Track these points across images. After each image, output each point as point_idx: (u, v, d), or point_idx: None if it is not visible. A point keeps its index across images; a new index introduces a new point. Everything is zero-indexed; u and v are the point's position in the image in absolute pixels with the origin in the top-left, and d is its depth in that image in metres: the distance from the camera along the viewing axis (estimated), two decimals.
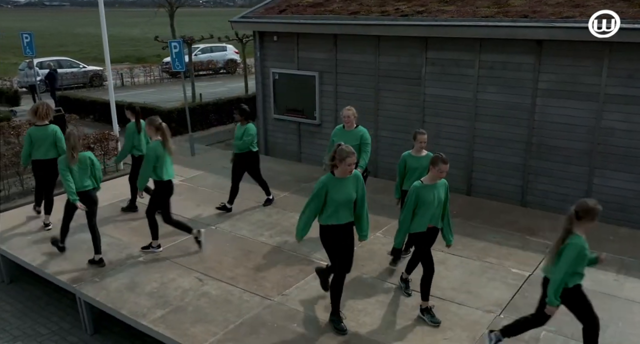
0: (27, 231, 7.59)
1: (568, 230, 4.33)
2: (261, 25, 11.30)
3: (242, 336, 5.22)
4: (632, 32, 7.26)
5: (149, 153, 6.58)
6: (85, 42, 43.23)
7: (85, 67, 23.41)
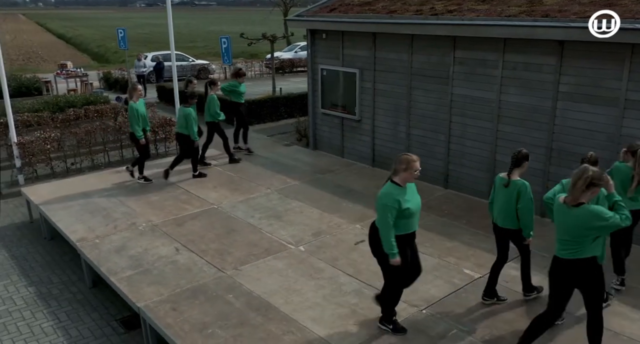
0: (69, 197, 8.87)
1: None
2: (311, 24, 11.83)
3: (181, 298, 5.85)
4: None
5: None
6: (213, 39, 46.75)
7: (194, 61, 25.59)
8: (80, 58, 40.51)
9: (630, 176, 5.62)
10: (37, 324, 6.49)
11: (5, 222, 9.46)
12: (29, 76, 21.26)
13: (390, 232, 4.77)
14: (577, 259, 4.35)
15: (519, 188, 5.35)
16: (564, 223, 4.38)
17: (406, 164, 4.82)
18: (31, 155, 10.93)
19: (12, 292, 7.18)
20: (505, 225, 5.51)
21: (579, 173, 4.28)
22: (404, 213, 4.82)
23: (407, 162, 4.83)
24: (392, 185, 4.89)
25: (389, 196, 4.79)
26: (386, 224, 4.79)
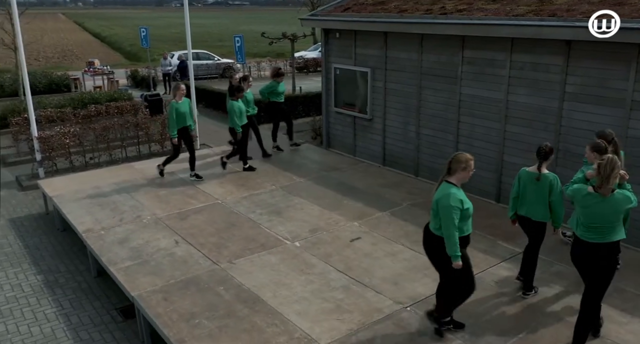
0: (81, 190, 9.18)
1: None
2: (324, 23, 11.92)
3: (173, 289, 6.02)
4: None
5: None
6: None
7: (219, 60, 25.96)
8: (113, 56, 41.54)
9: None
10: (41, 310, 6.76)
11: (23, 213, 9.85)
12: (60, 74, 21.94)
13: (456, 234, 4.71)
14: (607, 243, 4.65)
15: (550, 181, 5.56)
16: (598, 211, 4.61)
17: (465, 163, 4.80)
18: (51, 149, 11.32)
19: (21, 279, 7.49)
20: (537, 218, 5.62)
21: (612, 163, 4.50)
22: (465, 214, 4.80)
23: (465, 162, 4.80)
24: (449, 185, 4.79)
25: (452, 197, 4.70)
26: (453, 226, 4.69)
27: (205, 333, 5.22)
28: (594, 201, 4.62)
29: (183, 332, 5.24)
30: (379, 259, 6.56)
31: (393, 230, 7.34)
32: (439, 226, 4.78)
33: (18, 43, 10.62)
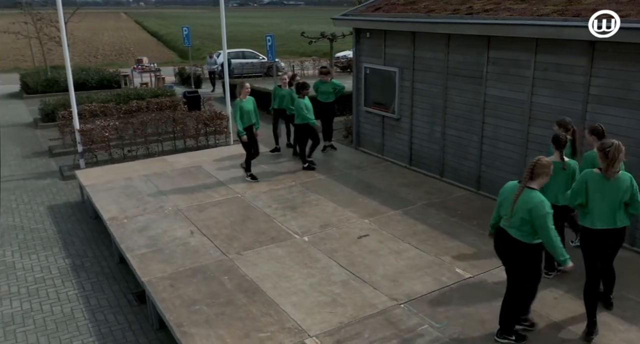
0: (113, 181, 9.66)
1: None
2: (356, 23, 12.02)
3: (181, 276, 6.31)
4: None
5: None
6: (291, 37, 47.85)
7: (264, 59, 26.42)
8: (167, 54, 42.93)
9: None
10: (64, 291, 7.21)
11: (61, 200, 10.46)
12: (112, 70, 22.94)
13: (558, 238, 4.62)
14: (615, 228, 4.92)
15: (574, 167, 5.88)
16: (607, 194, 4.90)
17: (548, 167, 4.71)
18: (91, 141, 11.94)
19: (50, 262, 7.99)
20: (566, 203, 5.55)
21: (618, 147, 4.80)
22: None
23: (548, 166, 4.72)
24: (535, 191, 4.66)
25: (546, 204, 4.59)
26: (553, 232, 4.58)
27: (203, 318, 5.46)
28: (601, 184, 4.88)
29: (182, 317, 5.50)
30: (383, 256, 6.63)
31: (402, 229, 7.39)
32: (527, 233, 4.66)
33: (63, 41, 11.22)
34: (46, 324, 6.46)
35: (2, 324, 6.46)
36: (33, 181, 11.63)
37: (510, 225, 4.75)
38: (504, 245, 4.92)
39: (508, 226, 4.79)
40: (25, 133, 15.90)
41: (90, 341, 6.13)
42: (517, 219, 4.66)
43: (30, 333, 6.29)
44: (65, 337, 6.22)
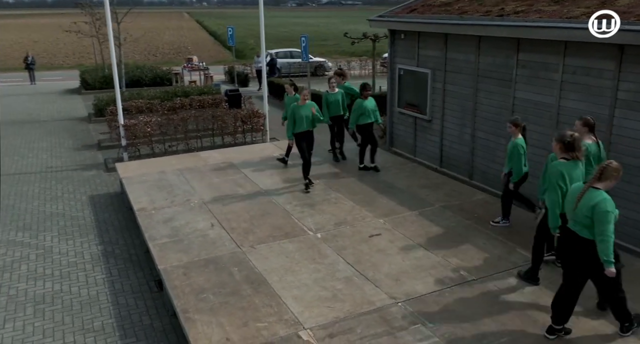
0: (148, 174, 10.17)
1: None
2: (390, 24, 12.08)
3: (194, 266, 6.64)
4: None
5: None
6: (344, 37, 48.10)
7: (312, 59, 26.69)
8: (223, 53, 44.05)
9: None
10: (92, 275, 7.70)
11: (102, 191, 11.09)
12: (165, 68, 23.87)
13: (612, 239, 4.66)
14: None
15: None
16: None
17: (617, 172, 4.77)
18: (134, 136, 12.56)
19: (84, 248, 8.53)
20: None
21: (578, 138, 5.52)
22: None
23: (618, 170, 4.78)
24: (600, 191, 4.72)
25: (610, 202, 4.67)
26: (611, 231, 4.64)
27: (208, 306, 5.75)
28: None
29: (189, 304, 5.82)
30: (390, 255, 6.72)
31: (415, 229, 7.44)
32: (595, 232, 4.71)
33: (109, 40, 11.87)
34: (72, 305, 6.94)
35: (34, 303, 7.00)
36: (80, 172, 12.36)
37: (574, 223, 4.86)
38: (568, 246, 4.98)
39: (573, 225, 4.90)
40: (79, 127, 16.86)
41: (109, 323, 6.55)
42: (581, 216, 4.75)
43: (57, 312, 6.78)
44: (88, 317, 6.66)
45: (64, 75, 29.19)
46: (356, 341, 5.10)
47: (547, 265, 6.35)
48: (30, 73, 25.96)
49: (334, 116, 10.87)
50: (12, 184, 11.57)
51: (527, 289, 5.85)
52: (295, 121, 9.24)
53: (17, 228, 9.28)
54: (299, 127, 9.27)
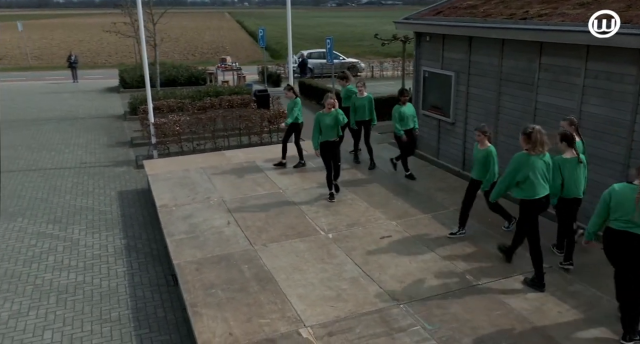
0: (173, 171, 10.49)
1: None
2: (416, 26, 12.09)
3: (208, 262, 6.85)
4: None
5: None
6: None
7: (344, 59, 26.81)
8: (259, 54, 44.52)
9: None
10: (114, 268, 8.03)
11: (131, 187, 11.49)
12: (200, 68, 24.40)
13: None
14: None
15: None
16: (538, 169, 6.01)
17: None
18: (164, 134, 12.95)
19: (109, 241, 8.89)
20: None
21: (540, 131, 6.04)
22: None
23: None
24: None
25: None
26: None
27: (215, 301, 5.95)
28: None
29: (198, 298, 6.03)
30: (398, 257, 6.79)
31: (426, 232, 7.48)
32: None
33: (141, 40, 12.28)
34: (93, 296, 7.27)
35: (57, 293, 7.36)
36: (111, 168, 12.83)
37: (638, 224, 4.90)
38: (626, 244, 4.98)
39: (634, 226, 4.92)
40: (114, 124, 17.45)
41: (125, 314, 6.84)
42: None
43: (78, 302, 7.11)
44: (106, 308, 6.97)
45: (105, 74, 30.17)
46: (354, 340, 5.19)
47: (554, 272, 6.30)
48: (73, 71, 26.94)
49: (360, 120, 10.54)
50: (48, 178, 12.11)
51: (531, 296, 5.82)
52: (320, 130, 8.85)
53: (47, 221, 9.73)
54: (324, 137, 8.83)
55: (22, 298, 7.19)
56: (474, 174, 7.36)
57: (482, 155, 7.12)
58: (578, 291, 5.87)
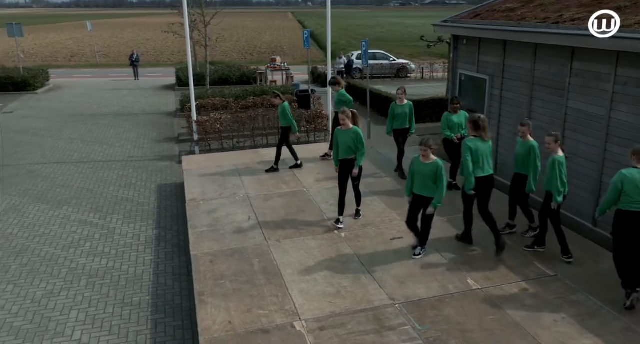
0: (207, 167, 10.96)
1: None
2: (453, 29, 12.03)
3: (222, 255, 7.21)
4: None
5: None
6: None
7: (395, 60, 26.76)
8: (316, 53, 45.03)
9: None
10: (142, 256, 8.55)
11: (171, 181, 12.09)
12: (253, 68, 25.06)
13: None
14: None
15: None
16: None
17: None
18: (205, 131, 13.51)
19: (142, 231, 9.45)
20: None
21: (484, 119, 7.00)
22: None
23: None
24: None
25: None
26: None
27: (222, 292, 6.28)
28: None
29: (207, 288, 6.38)
30: (404, 258, 6.89)
31: (437, 235, 7.51)
32: None
33: (186, 40, 12.86)
34: (119, 281, 7.79)
35: (88, 276, 7.93)
36: (156, 162, 13.51)
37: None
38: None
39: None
40: (165, 121, 18.29)
41: (146, 299, 7.30)
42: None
43: (105, 286, 7.65)
44: (129, 293, 7.46)
45: (165, 72, 31.47)
46: (344, 335, 5.38)
47: (558, 281, 6.23)
48: (134, 69, 28.29)
49: (399, 128, 10.27)
50: (96, 170, 12.92)
51: (529, 303, 5.79)
52: (337, 147, 7.94)
53: (90, 210, 10.43)
54: (341, 154, 7.93)
55: (56, 280, 7.80)
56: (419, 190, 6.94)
57: (430, 169, 6.66)
58: (579, 301, 5.79)
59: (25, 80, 23.69)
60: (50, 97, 23.55)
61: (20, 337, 6.48)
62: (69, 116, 19.22)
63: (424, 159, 6.72)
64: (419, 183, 6.79)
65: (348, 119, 7.84)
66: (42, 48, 47.86)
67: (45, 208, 10.50)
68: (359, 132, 7.80)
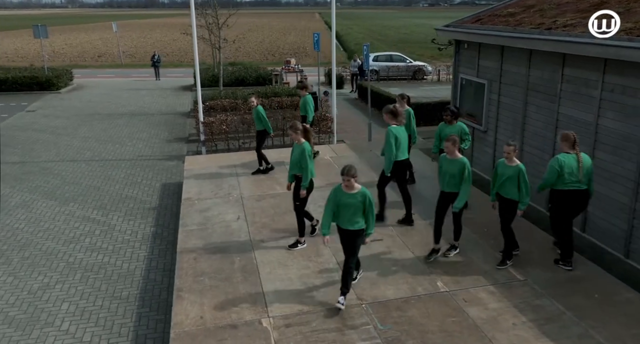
0: (207, 167, 11.27)
1: None
2: (454, 34, 12.09)
3: (211, 253, 7.47)
4: None
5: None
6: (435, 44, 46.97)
7: (411, 62, 26.74)
8: (338, 56, 45.26)
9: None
10: (137, 252, 8.88)
11: (175, 180, 12.44)
12: (269, 69, 25.39)
13: None
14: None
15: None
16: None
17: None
18: (212, 132, 13.84)
19: (140, 229, 9.79)
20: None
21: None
22: None
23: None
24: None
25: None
26: None
27: (200, 288, 6.53)
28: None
29: (186, 284, 6.65)
30: (380, 260, 7.03)
31: (418, 238, 7.64)
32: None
33: (193, 41, 13.20)
34: (112, 276, 8.13)
35: (83, 270, 8.29)
36: (163, 162, 13.90)
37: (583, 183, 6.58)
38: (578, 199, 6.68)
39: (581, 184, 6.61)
40: (178, 121, 18.73)
41: (134, 294, 7.61)
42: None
43: (98, 280, 7.99)
44: (120, 287, 7.79)
45: (186, 72, 32.05)
46: (307, 332, 5.57)
47: (526, 285, 6.29)
48: (155, 70, 28.93)
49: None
50: (106, 168, 13.37)
51: (493, 306, 5.88)
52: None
53: (94, 207, 10.84)
54: (291, 169, 7.81)
55: (53, 273, 8.19)
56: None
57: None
58: (542, 306, 5.85)
59: (49, 79, 24.49)
60: (72, 96, 24.30)
61: (13, 326, 6.85)
62: (87, 115, 19.83)
63: (347, 189, 5.98)
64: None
65: (295, 133, 7.46)
66: (72, 48, 49.20)
67: (52, 204, 10.95)
68: (304, 149, 7.37)
